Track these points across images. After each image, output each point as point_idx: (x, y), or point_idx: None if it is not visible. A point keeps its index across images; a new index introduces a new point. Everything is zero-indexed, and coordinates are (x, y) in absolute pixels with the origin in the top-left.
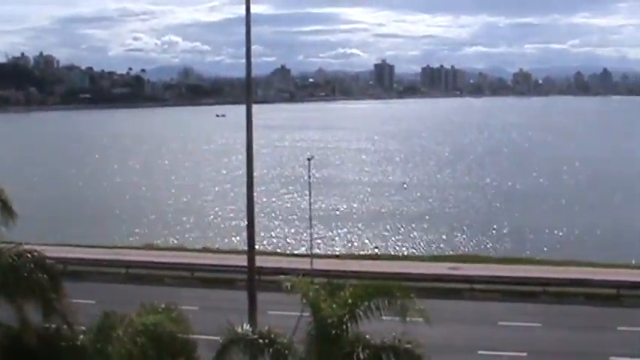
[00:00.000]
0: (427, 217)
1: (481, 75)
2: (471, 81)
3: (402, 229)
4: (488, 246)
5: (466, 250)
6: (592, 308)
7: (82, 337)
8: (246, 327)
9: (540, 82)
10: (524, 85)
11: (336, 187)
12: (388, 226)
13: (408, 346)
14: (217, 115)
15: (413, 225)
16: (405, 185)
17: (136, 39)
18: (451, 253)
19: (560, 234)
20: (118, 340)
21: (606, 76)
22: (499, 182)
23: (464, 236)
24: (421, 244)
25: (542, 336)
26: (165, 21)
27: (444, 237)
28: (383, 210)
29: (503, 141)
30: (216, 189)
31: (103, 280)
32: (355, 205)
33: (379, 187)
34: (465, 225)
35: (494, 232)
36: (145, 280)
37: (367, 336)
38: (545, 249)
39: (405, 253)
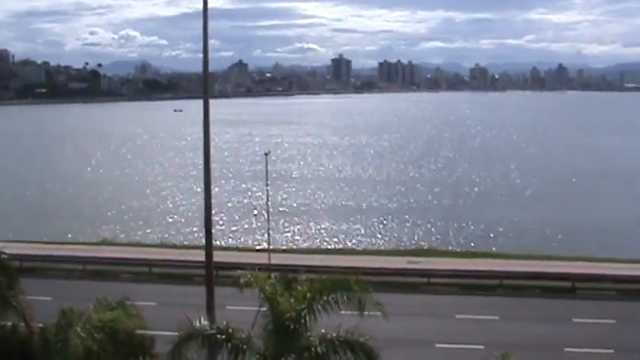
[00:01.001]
0: (385, 212)
1: (438, 70)
2: (428, 76)
3: (361, 223)
4: (446, 240)
5: (424, 244)
6: (548, 301)
7: (39, 333)
8: (204, 322)
9: (496, 77)
10: (480, 80)
11: (294, 182)
12: (346, 221)
13: (362, 339)
14: (175, 111)
15: (371, 219)
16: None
17: (92, 33)
18: (409, 247)
19: (517, 228)
20: (77, 336)
21: (562, 72)
22: (457, 177)
23: (422, 231)
24: (380, 238)
25: (499, 328)
26: (122, 15)
27: (402, 231)
28: (341, 204)
29: (460, 137)
30: (174, 184)
31: (60, 276)
32: (313, 200)
33: (337, 181)
34: (423, 219)
35: (452, 226)
36: (102, 276)
37: (323, 330)
38: (501, 243)
39: (364, 247)
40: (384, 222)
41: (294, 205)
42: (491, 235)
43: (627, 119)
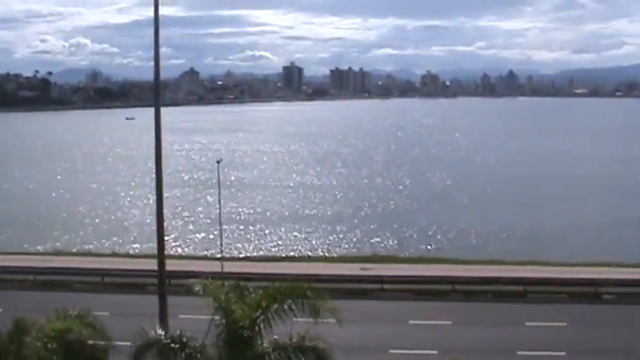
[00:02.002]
0: (338, 219)
1: (389, 77)
2: (380, 83)
3: (313, 230)
4: (399, 246)
5: (376, 250)
6: (500, 305)
7: None
8: (159, 331)
9: (448, 83)
10: (431, 86)
11: (247, 190)
12: (299, 228)
13: (314, 344)
14: (127, 119)
15: (324, 226)
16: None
17: (43, 41)
18: (363, 254)
19: (468, 233)
20: (31, 346)
21: (512, 78)
22: (408, 183)
23: (375, 237)
24: (333, 245)
25: (452, 333)
26: (72, 22)
27: (355, 238)
28: (294, 212)
29: (413, 143)
30: (126, 193)
31: (11, 287)
32: (266, 208)
33: (290, 189)
34: (375, 226)
35: (404, 232)
36: (54, 287)
37: (276, 337)
38: (454, 248)
39: (317, 254)
40: (337, 229)
41: (248, 213)
42: (444, 240)
43: (576, 125)
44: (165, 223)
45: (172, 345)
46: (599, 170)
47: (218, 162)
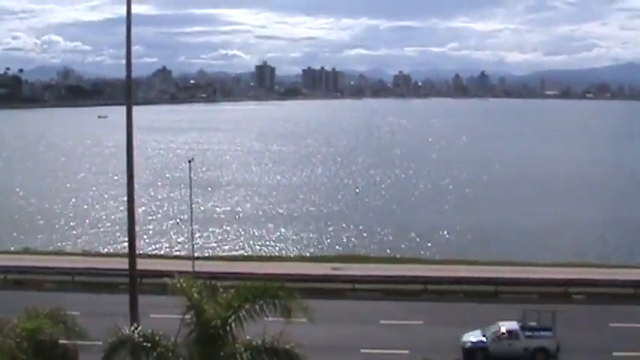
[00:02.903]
0: (310, 219)
1: (362, 77)
2: (352, 83)
3: (285, 230)
4: (370, 246)
5: (348, 250)
6: (471, 305)
7: None
8: (131, 329)
9: (420, 84)
10: (404, 87)
11: (219, 189)
12: (270, 227)
13: (287, 346)
14: (100, 117)
15: (296, 226)
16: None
17: (14, 38)
18: (334, 253)
19: (440, 234)
20: (2, 346)
21: (484, 79)
22: (381, 184)
23: (346, 237)
24: (304, 244)
25: (423, 333)
26: (45, 20)
27: (326, 238)
28: (265, 212)
29: (384, 144)
30: (98, 192)
31: None
32: (238, 207)
33: (261, 188)
34: (347, 226)
35: (376, 232)
36: (24, 286)
37: (248, 337)
38: (425, 249)
39: (289, 254)
40: (309, 229)
41: (219, 212)
42: (416, 240)
43: (547, 126)
44: (136, 222)
45: (144, 344)
46: (572, 172)
47: (190, 161)
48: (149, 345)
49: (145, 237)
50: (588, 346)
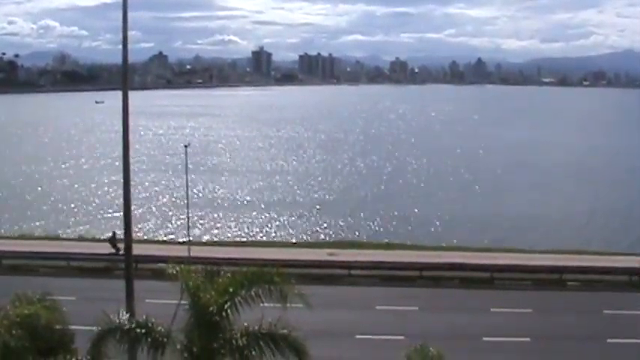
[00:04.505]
0: (306, 204)
1: (358, 63)
2: (348, 69)
3: (281, 215)
4: (365, 232)
5: (344, 236)
6: (467, 291)
7: None
8: (123, 316)
9: (416, 70)
10: (400, 73)
11: (215, 175)
12: (267, 213)
13: (284, 331)
14: (97, 102)
15: (292, 211)
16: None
17: (10, 23)
18: (330, 239)
19: (436, 220)
20: None
21: (480, 66)
22: (375, 169)
23: (342, 223)
24: (299, 230)
25: (419, 319)
26: (41, 4)
27: (322, 223)
28: (261, 197)
29: (381, 129)
30: (94, 177)
31: None
32: (234, 193)
33: (258, 174)
34: (343, 211)
35: (372, 218)
36: (19, 271)
37: (245, 323)
38: (421, 235)
39: (285, 239)
40: (305, 214)
41: (215, 197)
42: (411, 226)
43: (544, 113)
44: (132, 208)
45: (137, 330)
46: (568, 159)
47: (186, 146)
48: (142, 331)
49: (141, 222)
50: (583, 333)
